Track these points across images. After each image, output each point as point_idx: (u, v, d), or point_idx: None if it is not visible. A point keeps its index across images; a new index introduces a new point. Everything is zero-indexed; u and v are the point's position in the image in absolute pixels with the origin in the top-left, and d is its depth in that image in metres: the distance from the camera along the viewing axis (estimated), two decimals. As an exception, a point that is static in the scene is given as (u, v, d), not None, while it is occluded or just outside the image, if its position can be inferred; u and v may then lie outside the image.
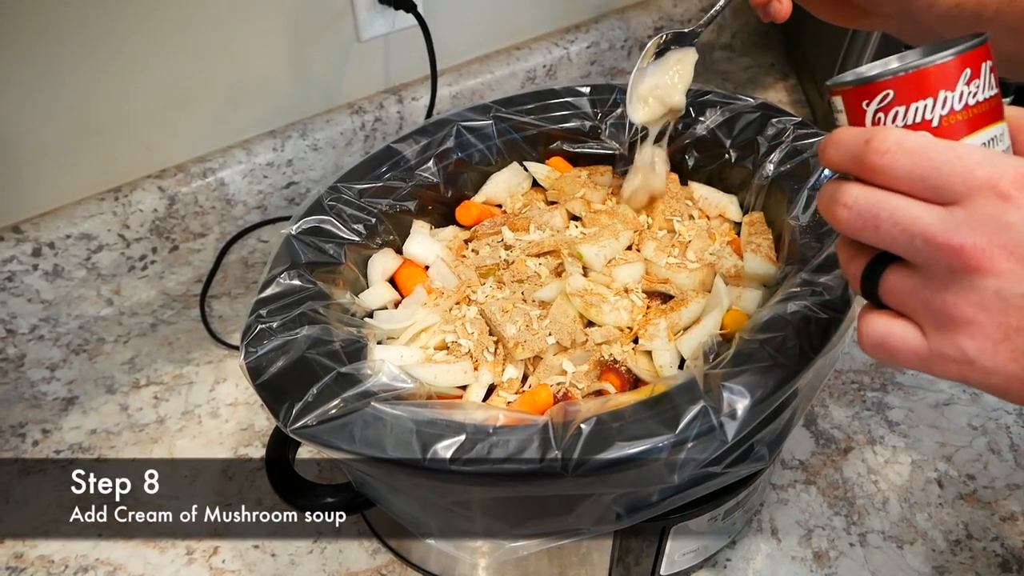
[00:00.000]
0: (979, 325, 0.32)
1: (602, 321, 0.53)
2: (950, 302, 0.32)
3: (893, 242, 0.33)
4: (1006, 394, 0.34)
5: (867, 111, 0.35)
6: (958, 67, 0.34)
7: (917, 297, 0.33)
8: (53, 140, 0.70)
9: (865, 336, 0.35)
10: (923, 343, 0.34)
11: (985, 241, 0.31)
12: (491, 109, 0.67)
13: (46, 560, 0.58)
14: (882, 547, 0.58)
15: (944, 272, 0.32)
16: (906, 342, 0.34)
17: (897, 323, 0.34)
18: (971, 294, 0.32)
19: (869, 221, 0.33)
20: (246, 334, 0.48)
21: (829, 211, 0.35)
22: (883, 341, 0.35)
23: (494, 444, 0.41)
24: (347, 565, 0.58)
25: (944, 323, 0.33)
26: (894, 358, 0.34)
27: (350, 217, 0.58)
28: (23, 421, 0.69)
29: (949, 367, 0.33)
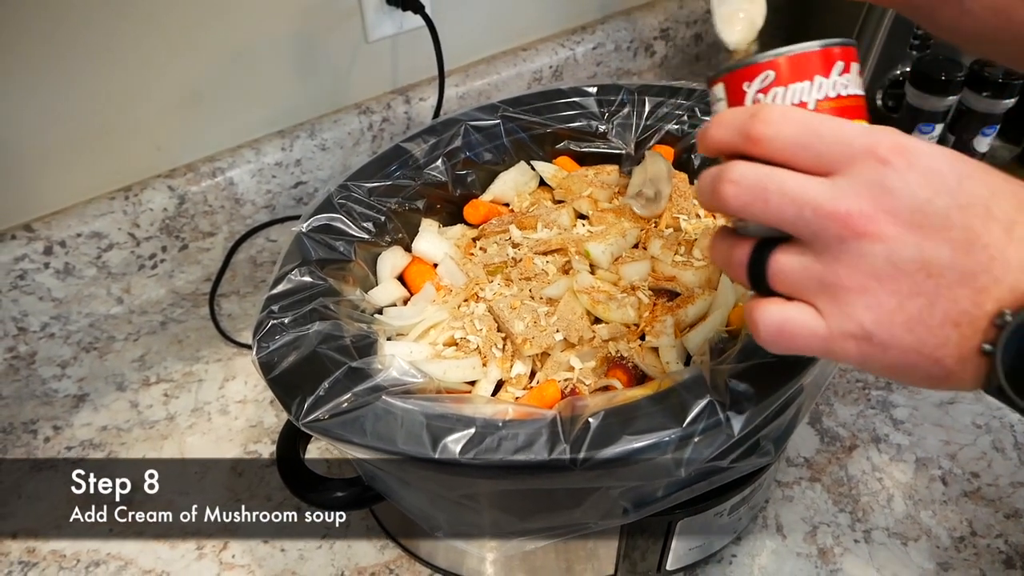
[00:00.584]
0: (873, 294, 0.31)
1: (609, 318, 0.54)
2: (843, 273, 0.32)
3: (781, 215, 0.32)
4: (902, 372, 0.33)
5: (748, 92, 0.37)
6: (833, 57, 0.36)
7: (809, 274, 0.33)
8: (64, 140, 0.70)
9: (761, 326, 0.34)
10: (822, 323, 0.33)
11: (870, 206, 0.31)
12: (499, 109, 0.67)
13: (58, 554, 0.59)
14: (887, 544, 0.58)
15: (834, 242, 0.32)
16: (805, 325, 0.33)
17: (792, 306, 0.33)
18: (862, 262, 0.31)
19: (758, 195, 0.33)
20: (258, 330, 0.49)
21: (714, 191, 0.34)
22: (781, 327, 0.33)
23: (503, 437, 0.41)
24: (356, 560, 0.58)
25: (839, 297, 0.32)
26: (794, 344, 0.33)
27: (359, 215, 0.59)
28: (35, 418, 0.69)
29: (848, 346, 0.32)
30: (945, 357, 0.31)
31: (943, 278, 0.31)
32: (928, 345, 0.31)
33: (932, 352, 0.31)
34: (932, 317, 0.31)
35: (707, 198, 0.35)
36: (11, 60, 0.64)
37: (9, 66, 0.64)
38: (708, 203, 0.35)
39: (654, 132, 0.68)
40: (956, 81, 0.88)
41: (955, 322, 0.31)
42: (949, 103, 0.91)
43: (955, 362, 0.31)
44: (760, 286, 0.35)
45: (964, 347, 0.31)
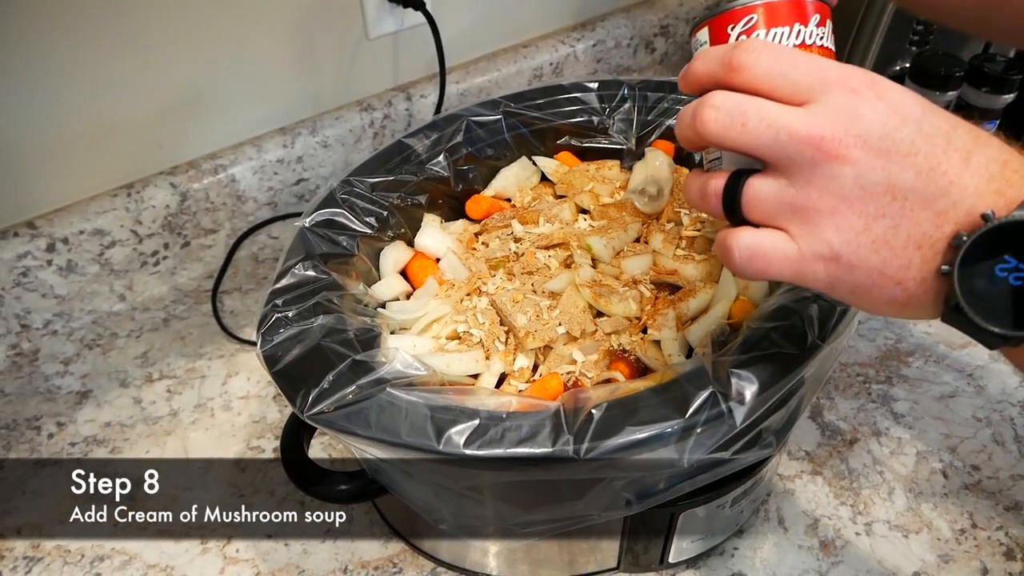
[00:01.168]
0: (842, 215, 0.33)
1: (611, 311, 0.54)
2: (814, 196, 0.33)
3: (758, 140, 0.34)
4: (865, 295, 0.34)
5: (731, 34, 0.40)
6: (812, 8, 0.39)
7: (782, 198, 0.34)
8: (66, 137, 0.71)
9: (736, 250, 0.35)
10: (793, 247, 0.34)
11: (841, 131, 0.33)
12: (500, 104, 0.68)
13: (62, 550, 0.59)
14: (888, 536, 0.58)
15: (807, 166, 0.33)
16: (776, 248, 0.35)
17: (765, 232, 0.35)
18: (832, 183, 0.33)
19: (737, 119, 0.34)
20: (262, 323, 0.49)
21: (695, 116, 0.36)
22: (754, 251, 0.35)
23: (507, 429, 0.41)
24: (359, 554, 0.58)
25: (810, 219, 0.34)
26: (767, 268, 0.35)
27: (362, 210, 0.59)
28: (38, 415, 0.70)
29: (818, 268, 0.34)
30: (907, 279, 0.33)
31: (907, 201, 0.32)
32: (892, 266, 0.33)
33: (895, 273, 0.33)
34: (896, 238, 0.33)
35: (687, 127, 0.37)
36: (13, 57, 0.64)
37: (11, 63, 0.64)
38: (687, 132, 0.37)
39: (655, 127, 0.68)
40: (955, 77, 0.88)
41: (917, 244, 0.33)
42: (948, 99, 0.91)
43: (916, 284, 0.33)
44: (734, 215, 0.36)
45: (925, 269, 0.33)
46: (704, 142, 0.36)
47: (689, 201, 0.40)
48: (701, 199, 0.38)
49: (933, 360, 0.71)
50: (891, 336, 0.74)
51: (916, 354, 0.72)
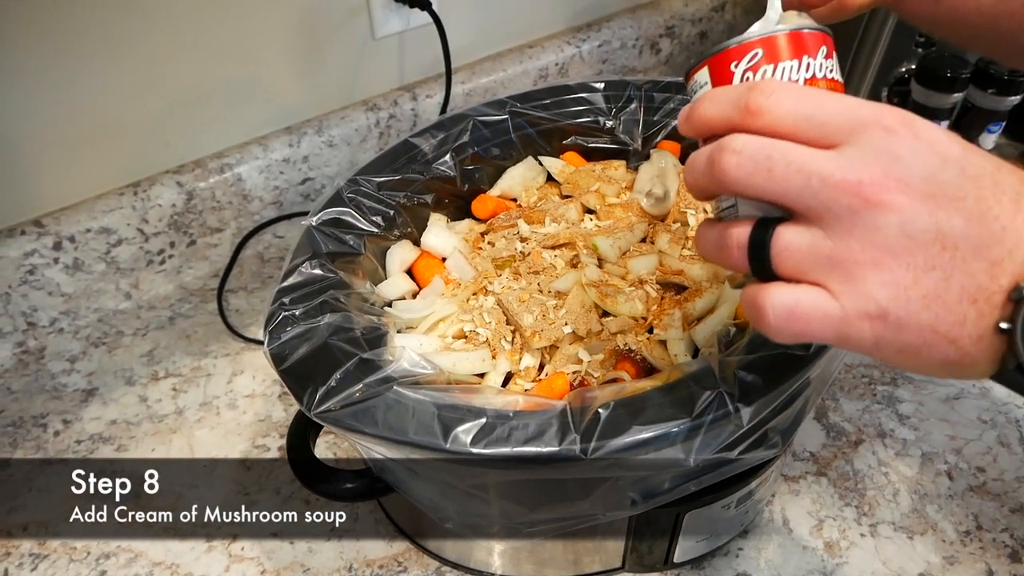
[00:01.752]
0: (888, 268, 0.30)
1: (617, 311, 0.54)
2: (855, 248, 0.30)
3: (786, 187, 0.31)
4: (915, 356, 0.31)
5: (736, 72, 0.36)
6: (820, 40, 0.36)
7: (818, 251, 0.31)
8: (73, 136, 0.71)
9: (770, 310, 0.31)
10: (835, 304, 0.31)
11: (880, 174, 0.30)
12: (507, 104, 0.68)
13: (68, 547, 0.59)
14: (892, 538, 0.58)
15: (845, 215, 0.30)
16: (816, 306, 0.31)
17: (802, 288, 0.31)
18: (875, 235, 0.30)
19: (761, 164, 0.31)
20: (269, 321, 0.49)
21: (712, 163, 0.32)
22: (792, 311, 0.31)
23: (514, 428, 0.41)
24: (364, 553, 0.58)
25: (852, 273, 0.30)
26: (807, 329, 0.31)
27: (369, 209, 0.59)
28: (44, 412, 0.70)
29: (863, 327, 0.30)
30: (962, 337, 0.30)
31: (958, 250, 0.29)
32: (945, 323, 0.30)
33: (949, 331, 0.30)
34: (949, 292, 0.30)
35: (701, 174, 0.33)
36: (21, 57, 0.64)
37: (19, 63, 0.65)
38: (702, 180, 0.34)
39: (661, 127, 0.68)
40: (961, 78, 0.88)
41: (972, 298, 0.29)
42: (954, 100, 0.91)
43: (972, 342, 0.30)
44: (763, 270, 0.32)
45: (981, 325, 0.30)
46: (722, 190, 0.33)
47: (704, 254, 0.36)
48: (720, 251, 0.34)
49: (938, 362, 0.71)
50: (896, 337, 0.73)
51: (921, 356, 0.72)
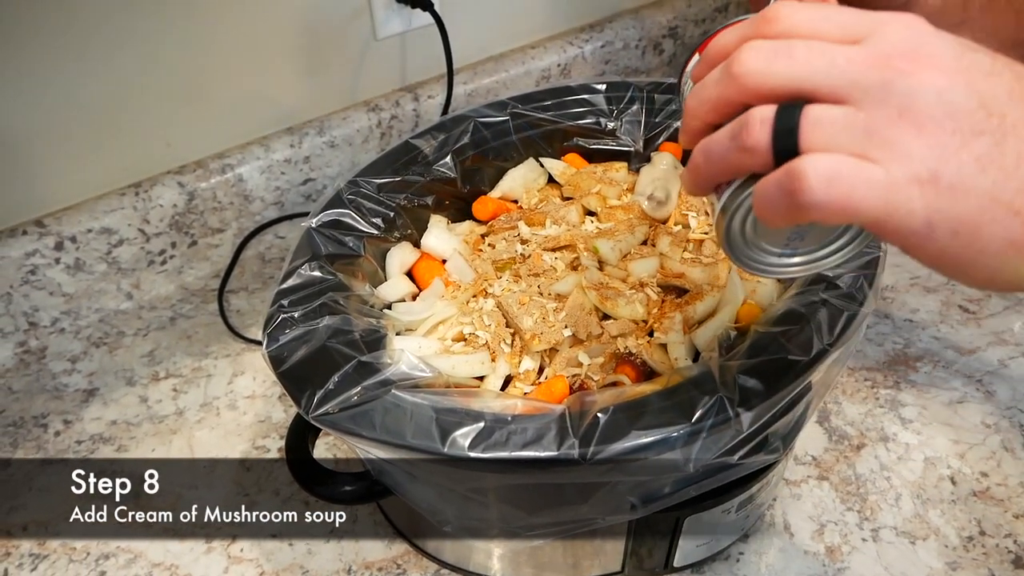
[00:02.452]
0: (931, 132, 0.27)
1: (618, 314, 0.54)
2: (893, 115, 0.27)
3: (811, 68, 0.29)
4: (979, 240, 0.27)
5: None
6: None
7: (852, 122, 0.28)
8: (74, 136, 0.71)
9: (812, 174, 0.27)
10: (878, 169, 0.27)
11: (909, 50, 0.28)
12: (508, 105, 0.68)
13: (68, 547, 0.59)
14: (895, 543, 0.58)
15: (876, 87, 0.28)
16: (860, 171, 0.27)
17: (842, 156, 0.28)
18: (913, 101, 0.27)
19: (782, 50, 0.29)
20: (268, 323, 0.49)
21: (728, 66, 0.30)
22: (834, 174, 0.27)
23: (512, 432, 0.41)
24: (363, 555, 0.58)
25: (893, 139, 0.27)
26: (851, 194, 0.27)
27: (369, 211, 0.59)
28: (45, 412, 0.70)
29: (912, 195, 0.27)
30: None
31: (1006, 117, 0.27)
32: (1006, 189, 0.27)
33: (1012, 199, 0.27)
34: (1004, 156, 0.27)
35: (712, 85, 0.31)
36: (23, 56, 0.64)
37: (20, 62, 0.65)
38: (713, 91, 0.31)
39: (663, 129, 0.68)
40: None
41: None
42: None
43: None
44: (787, 148, 0.29)
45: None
46: (738, 94, 0.30)
47: (709, 149, 0.32)
48: (735, 137, 0.30)
49: (942, 365, 0.71)
50: (899, 341, 0.73)
51: (924, 359, 0.71)
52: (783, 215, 0.29)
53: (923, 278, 0.80)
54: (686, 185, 0.35)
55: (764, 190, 0.30)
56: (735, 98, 0.31)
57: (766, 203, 0.30)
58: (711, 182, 0.34)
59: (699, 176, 0.34)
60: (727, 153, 0.31)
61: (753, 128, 0.29)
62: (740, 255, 0.36)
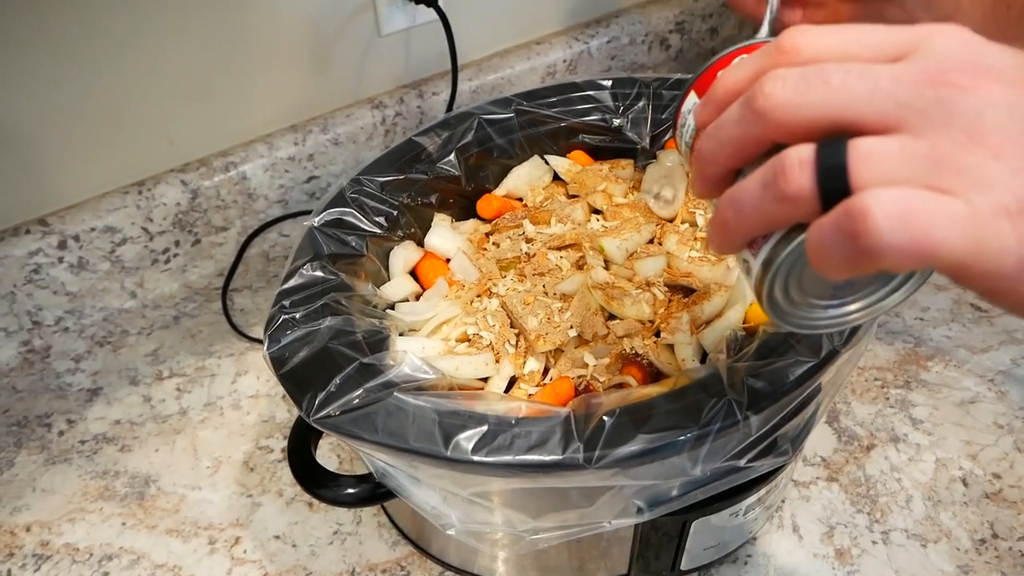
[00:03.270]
0: (1011, 155, 0.23)
1: (624, 314, 0.53)
2: (961, 140, 0.24)
3: (850, 93, 0.25)
4: None
5: None
6: None
7: (913, 152, 0.24)
8: (78, 134, 0.70)
9: (879, 213, 0.23)
10: (958, 202, 0.23)
11: (966, 64, 0.25)
12: (512, 102, 0.67)
13: (71, 548, 0.59)
14: (905, 545, 0.57)
15: (934, 108, 0.24)
16: (937, 206, 0.23)
17: (911, 191, 0.23)
18: (982, 121, 0.24)
19: (814, 79, 0.25)
20: (269, 324, 0.49)
21: (752, 100, 0.27)
22: (907, 210, 0.23)
23: (516, 435, 0.41)
24: (367, 557, 0.58)
25: (967, 167, 0.23)
26: (930, 232, 0.23)
27: (372, 209, 0.59)
28: (49, 411, 0.70)
29: (1003, 229, 0.23)
30: None
31: None
32: None
33: None
34: None
35: (733, 124, 0.28)
36: (25, 54, 0.64)
37: (23, 60, 0.64)
38: (734, 130, 0.28)
39: (670, 126, 0.67)
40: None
41: None
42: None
43: None
44: (837, 189, 0.24)
45: None
46: (764, 131, 0.27)
47: (737, 198, 0.28)
48: (767, 187, 0.26)
49: (953, 365, 0.70)
50: (910, 340, 0.72)
51: (936, 358, 0.70)
52: (846, 264, 0.24)
53: (934, 276, 0.78)
54: (713, 244, 0.31)
55: (819, 239, 0.25)
56: (763, 137, 0.27)
57: (823, 253, 0.25)
58: (744, 239, 0.29)
59: (730, 233, 0.29)
60: (762, 204, 0.27)
61: (792, 172, 0.25)
62: (786, 317, 0.32)
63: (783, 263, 0.29)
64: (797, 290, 0.31)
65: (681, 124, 0.38)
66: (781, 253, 0.28)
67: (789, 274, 0.30)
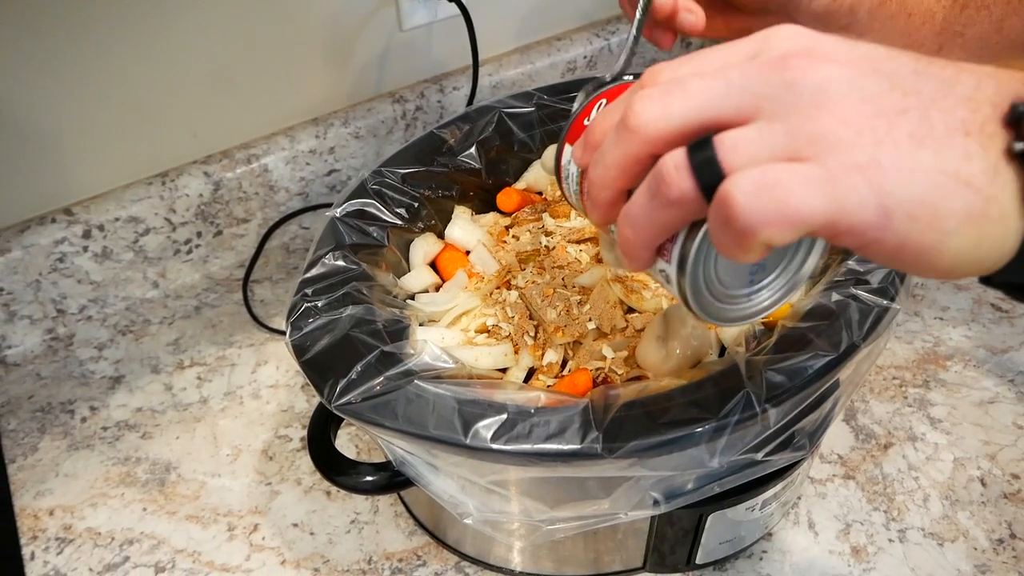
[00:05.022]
0: (856, 121, 0.26)
1: (643, 308, 0.53)
2: (811, 114, 0.26)
3: (708, 94, 0.28)
4: (940, 219, 0.25)
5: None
6: None
7: (771, 134, 0.26)
8: (103, 125, 0.71)
9: (739, 193, 0.26)
10: (813, 165, 0.26)
11: (804, 47, 0.27)
12: (533, 96, 0.67)
13: (93, 532, 0.60)
14: (922, 544, 0.57)
15: (782, 92, 0.27)
16: (795, 172, 0.26)
17: (768, 166, 0.26)
18: (826, 96, 0.26)
19: (675, 89, 0.28)
20: (291, 312, 0.49)
21: (624, 120, 0.29)
22: (763, 183, 0.26)
23: (535, 424, 0.41)
24: (384, 546, 0.58)
25: (818, 136, 0.26)
26: (788, 199, 0.25)
27: (393, 201, 0.59)
28: (72, 398, 0.71)
29: (858, 185, 0.25)
30: (974, 174, 0.25)
31: (921, 94, 0.26)
32: (948, 160, 0.25)
33: (957, 169, 0.25)
34: (934, 129, 0.25)
35: (610, 145, 0.30)
36: (52, 46, 0.65)
37: (50, 53, 0.65)
38: (617, 152, 0.30)
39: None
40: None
41: (963, 130, 0.25)
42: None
43: (988, 180, 0.25)
44: (713, 180, 0.27)
45: (989, 156, 0.25)
46: (634, 146, 0.29)
47: (632, 221, 0.30)
48: (654, 196, 0.29)
49: (973, 364, 0.69)
50: (929, 339, 0.72)
51: (955, 358, 0.70)
52: (736, 247, 0.27)
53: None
54: (626, 264, 0.33)
55: (711, 230, 0.28)
56: (641, 152, 0.29)
57: (717, 241, 0.28)
58: (649, 250, 0.32)
59: (634, 249, 0.31)
60: (654, 213, 0.29)
61: (671, 177, 0.28)
62: (711, 311, 0.34)
63: (695, 256, 0.31)
64: (716, 283, 0.33)
65: (564, 177, 0.41)
66: (690, 248, 0.31)
67: (704, 266, 0.32)
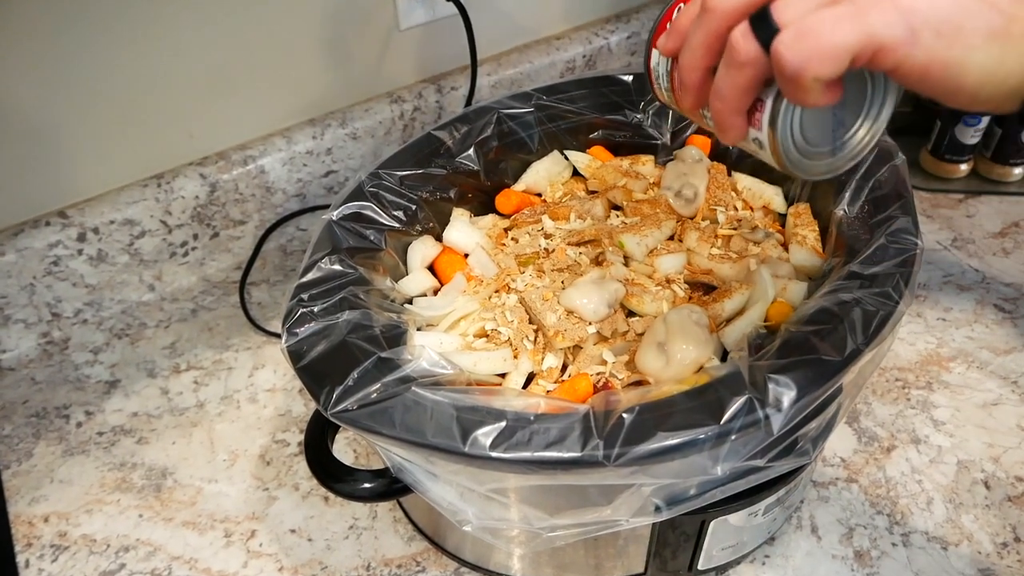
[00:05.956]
0: None
1: (643, 311, 0.53)
2: None
3: None
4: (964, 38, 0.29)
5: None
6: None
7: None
8: (98, 127, 0.71)
9: (780, 45, 0.30)
10: (846, 4, 0.29)
11: None
12: (532, 97, 0.66)
13: (88, 539, 0.59)
14: (926, 548, 0.56)
15: None
16: (827, 15, 0.29)
17: (808, 14, 0.30)
18: None
19: None
20: (287, 318, 0.48)
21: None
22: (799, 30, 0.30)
23: (535, 432, 0.40)
24: (382, 552, 0.58)
25: None
26: (823, 36, 0.29)
27: (390, 203, 0.58)
28: (67, 403, 0.70)
29: (887, 12, 0.29)
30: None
31: None
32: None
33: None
34: None
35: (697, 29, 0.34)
36: (45, 48, 0.64)
37: (44, 54, 0.64)
38: (700, 33, 0.34)
39: (691, 122, 0.67)
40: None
41: None
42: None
43: (1009, 0, 0.29)
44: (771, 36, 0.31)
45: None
46: (723, 22, 0.33)
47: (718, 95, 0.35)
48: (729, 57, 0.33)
49: (976, 366, 0.69)
50: (932, 340, 0.71)
51: (958, 359, 0.69)
52: (799, 90, 0.31)
53: (956, 276, 0.77)
54: (722, 136, 0.36)
55: (779, 83, 0.32)
56: (721, 27, 0.33)
57: (786, 91, 0.32)
58: (738, 115, 0.35)
59: (726, 117, 0.35)
60: (734, 79, 0.33)
61: (738, 44, 0.32)
62: (802, 167, 0.37)
63: (782, 116, 0.35)
64: (803, 140, 0.36)
65: (655, 76, 0.43)
66: (778, 110, 0.35)
67: (791, 125, 0.35)
